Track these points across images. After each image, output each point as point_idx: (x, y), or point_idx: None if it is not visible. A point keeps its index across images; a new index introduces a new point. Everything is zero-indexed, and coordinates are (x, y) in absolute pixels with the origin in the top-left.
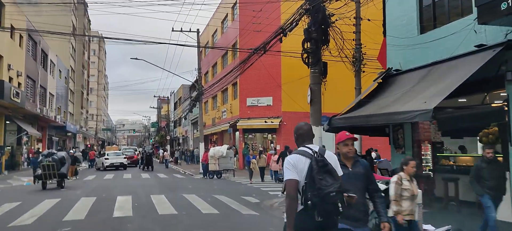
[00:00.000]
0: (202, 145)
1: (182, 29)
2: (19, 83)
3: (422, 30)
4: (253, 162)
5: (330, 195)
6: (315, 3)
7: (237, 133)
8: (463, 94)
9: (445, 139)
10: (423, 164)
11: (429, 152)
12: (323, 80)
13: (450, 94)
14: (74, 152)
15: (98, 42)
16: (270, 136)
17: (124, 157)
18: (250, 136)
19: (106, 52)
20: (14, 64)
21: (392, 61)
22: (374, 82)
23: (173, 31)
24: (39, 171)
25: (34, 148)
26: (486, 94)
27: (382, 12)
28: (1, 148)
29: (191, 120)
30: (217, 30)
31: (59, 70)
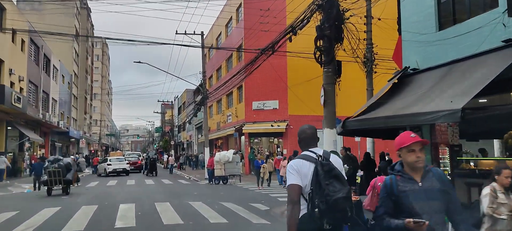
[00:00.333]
0: (207, 150)
1: (186, 32)
2: (21, 88)
3: (441, 26)
4: (263, 168)
5: (339, 201)
6: None
7: (242, 137)
8: (484, 95)
9: (461, 141)
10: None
11: (446, 156)
12: (337, 80)
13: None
14: (77, 158)
15: (101, 48)
16: (276, 140)
17: (126, 163)
18: (256, 140)
19: (110, 57)
20: (16, 69)
21: (408, 60)
22: (389, 82)
23: (177, 34)
24: (45, 177)
25: (36, 154)
26: None
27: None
28: (2, 154)
29: (196, 125)
30: (221, 33)
31: (62, 76)
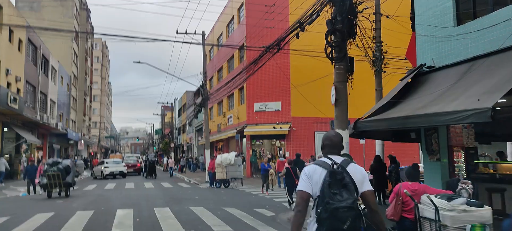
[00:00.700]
0: (208, 152)
1: (187, 31)
2: (18, 89)
3: (459, 21)
4: (271, 174)
5: (339, 210)
6: None
7: (244, 140)
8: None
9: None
10: (456, 172)
11: (461, 159)
12: (349, 78)
13: None
14: (75, 160)
15: (101, 49)
16: (278, 142)
17: (124, 165)
18: (258, 142)
19: (110, 59)
20: (13, 69)
21: (423, 57)
22: (402, 81)
23: (177, 33)
24: (45, 180)
25: (34, 156)
26: None
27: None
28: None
29: (196, 127)
30: (222, 33)
31: (61, 77)
